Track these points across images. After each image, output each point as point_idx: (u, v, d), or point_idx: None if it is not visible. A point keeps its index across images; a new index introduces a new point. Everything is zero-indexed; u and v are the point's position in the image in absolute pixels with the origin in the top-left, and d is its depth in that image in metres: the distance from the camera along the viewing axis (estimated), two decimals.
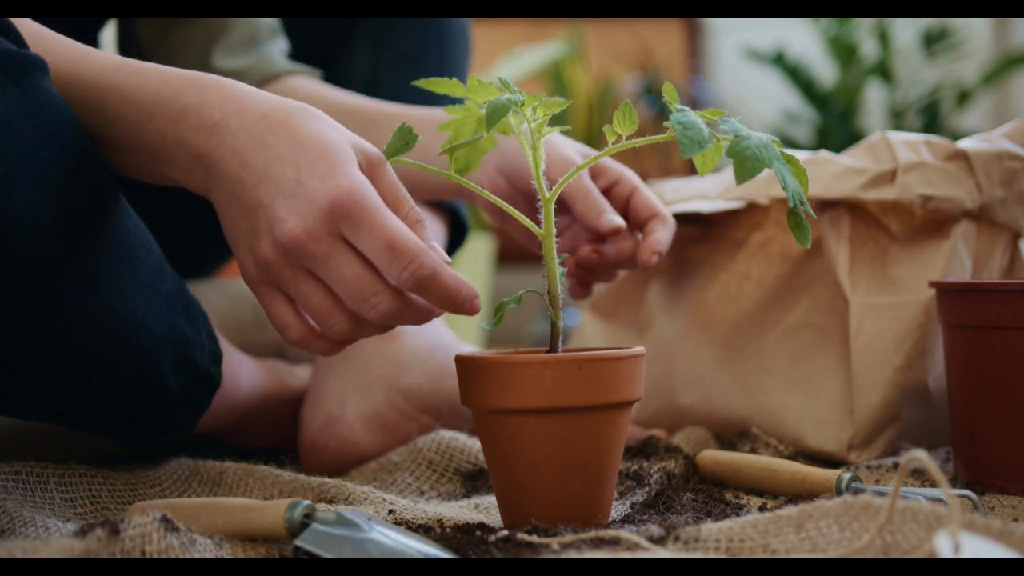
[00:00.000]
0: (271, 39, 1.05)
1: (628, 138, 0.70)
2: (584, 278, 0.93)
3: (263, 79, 1.02)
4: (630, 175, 0.92)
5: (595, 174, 0.91)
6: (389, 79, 1.12)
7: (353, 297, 0.64)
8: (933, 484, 0.82)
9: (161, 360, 0.75)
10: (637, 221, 0.91)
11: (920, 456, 0.54)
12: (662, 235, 0.89)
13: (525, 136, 0.71)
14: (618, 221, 0.87)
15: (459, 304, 0.66)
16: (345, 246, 0.64)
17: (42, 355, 0.69)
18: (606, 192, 0.91)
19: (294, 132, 0.65)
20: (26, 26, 0.71)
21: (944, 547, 0.53)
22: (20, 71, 0.65)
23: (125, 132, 0.68)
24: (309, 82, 1.04)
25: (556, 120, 0.73)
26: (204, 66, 1.00)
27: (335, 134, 0.66)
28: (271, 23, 1.06)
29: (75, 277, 0.67)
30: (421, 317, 0.67)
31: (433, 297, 0.65)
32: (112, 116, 0.68)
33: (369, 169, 0.67)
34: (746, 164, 0.64)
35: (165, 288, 0.76)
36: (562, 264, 0.72)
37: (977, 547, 0.54)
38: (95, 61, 0.70)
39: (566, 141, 0.93)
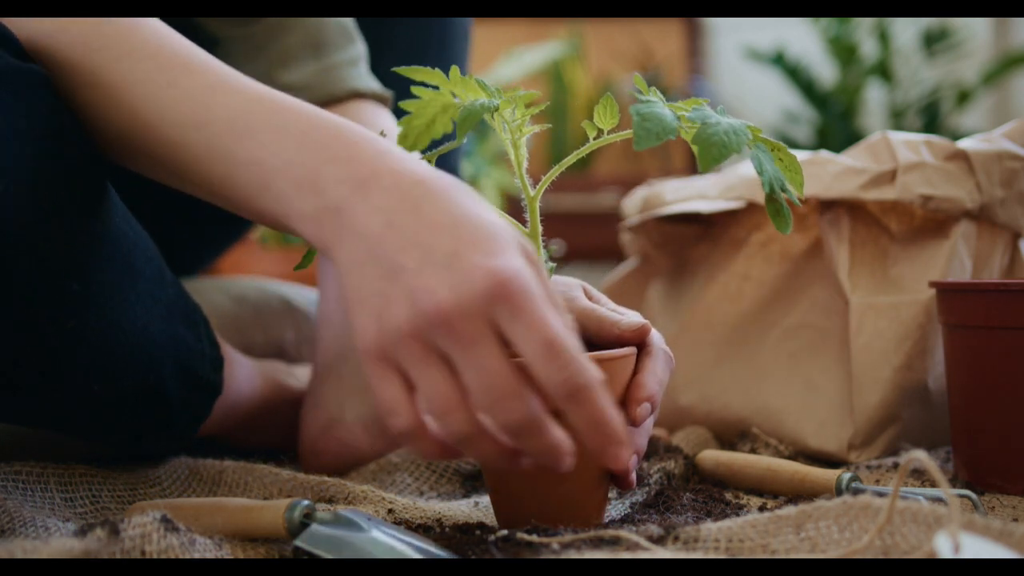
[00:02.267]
0: (341, 44, 0.99)
1: (612, 132, 0.70)
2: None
3: (326, 99, 0.96)
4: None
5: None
6: (387, 79, 1.12)
7: (489, 394, 0.55)
8: (933, 484, 0.82)
9: (162, 368, 0.75)
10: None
11: (920, 456, 0.54)
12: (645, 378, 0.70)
13: (506, 135, 0.71)
14: (637, 319, 0.71)
15: (605, 437, 0.56)
16: (493, 334, 0.55)
17: (43, 367, 0.68)
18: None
19: (454, 204, 0.58)
20: (152, 38, 0.67)
21: (944, 547, 0.53)
22: (21, 85, 0.65)
23: (255, 178, 0.62)
24: (376, 113, 0.98)
25: (552, 119, 0.73)
26: (266, 78, 0.95)
27: (497, 218, 0.59)
28: (343, 23, 1.00)
29: (77, 290, 0.67)
30: (548, 449, 0.56)
31: (582, 415, 0.56)
32: (244, 161, 0.62)
33: (528, 261, 0.59)
34: (710, 150, 0.62)
35: (165, 296, 0.76)
36: (549, 260, 0.72)
37: (977, 547, 0.54)
38: (229, 95, 0.64)
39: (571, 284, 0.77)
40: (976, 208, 0.93)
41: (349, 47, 1.00)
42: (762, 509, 0.74)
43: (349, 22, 1.01)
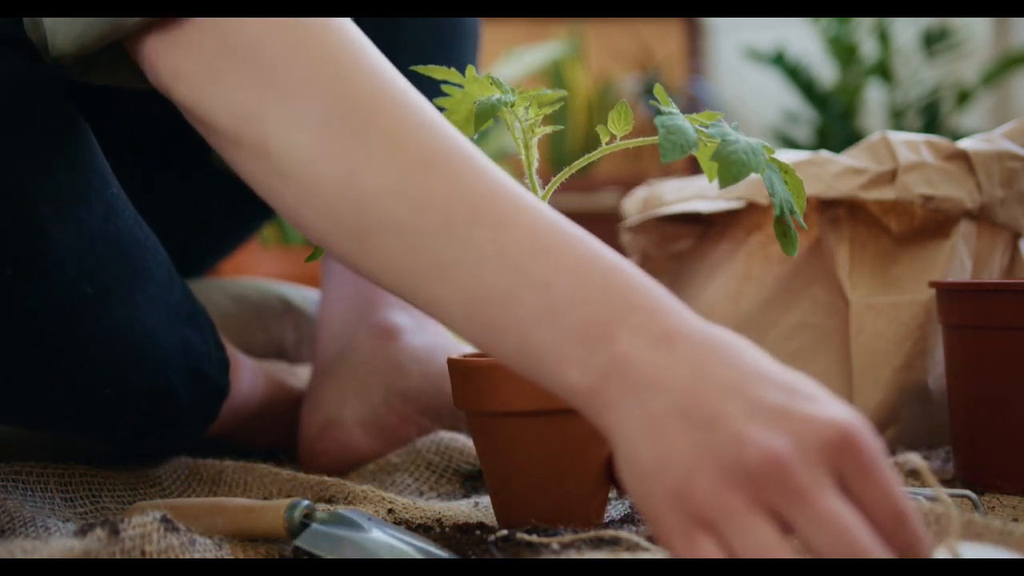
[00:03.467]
0: None
1: (623, 138, 0.70)
2: None
3: None
4: None
5: None
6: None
7: (840, 546, 0.47)
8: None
9: (171, 371, 0.75)
10: None
11: (913, 458, 0.53)
12: None
13: (518, 135, 0.71)
14: None
15: None
16: (835, 489, 0.48)
17: (54, 369, 0.69)
18: None
19: (766, 360, 0.52)
20: (459, 161, 0.57)
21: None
22: (38, 88, 0.65)
23: (540, 303, 0.53)
24: None
25: (553, 120, 0.73)
26: None
27: None
28: None
29: (91, 294, 0.67)
30: None
31: None
32: (534, 282, 0.54)
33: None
34: (730, 168, 0.63)
35: (174, 298, 0.76)
36: None
37: (977, 554, 0.54)
38: (533, 208, 0.56)
39: None
40: (976, 208, 0.93)
41: None
42: None
43: None
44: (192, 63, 0.59)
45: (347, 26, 0.60)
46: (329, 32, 0.59)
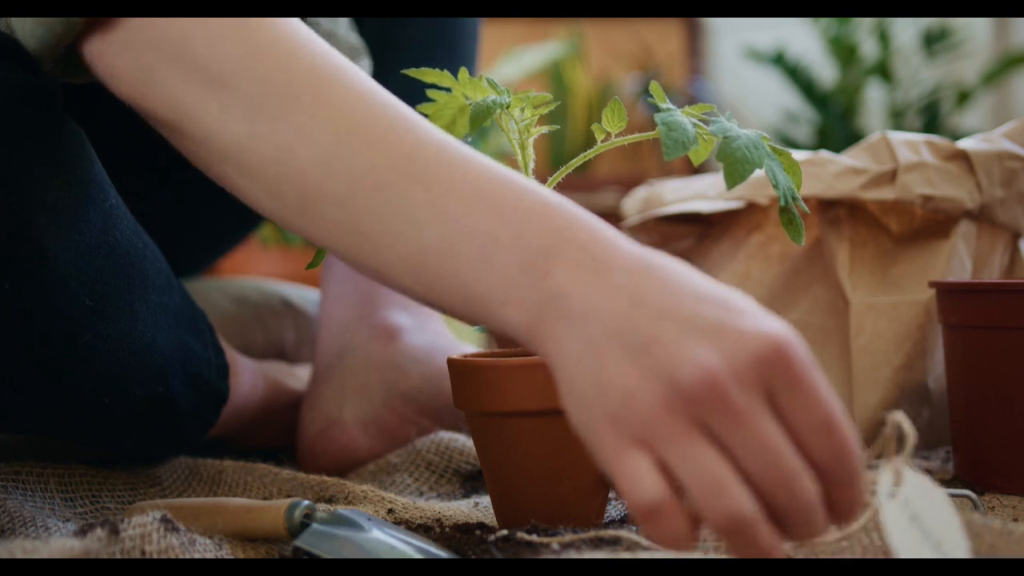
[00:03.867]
0: (349, 34, 0.95)
1: (619, 135, 0.70)
2: None
3: None
4: None
5: None
6: (395, 79, 1.11)
7: (772, 472, 0.49)
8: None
9: (171, 377, 0.75)
10: None
11: (898, 418, 0.53)
12: None
13: (514, 136, 0.71)
14: None
15: (854, 515, 0.52)
16: (768, 406, 0.50)
17: (53, 380, 0.68)
18: None
19: (701, 280, 0.53)
20: (415, 135, 0.59)
21: (885, 480, 0.54)
22: (34, 98, 0.64)
23: (476, 251, 0.56)
24: None
25: (553, 120, 0.73)
26: None
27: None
28: (351, 42, 0.94)
29: (90, 304, 0.67)
30: (817, 530, 0.51)
31: (844, 499, 0.51)
32: (471, 231, 0.56)
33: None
34: (737, 167, 0.63)
35: (173, 305, 0.76)
36: None
37: (919, 484, 0.54)
38: (467, 159, 0.58)
39: None
40: (976, 208, 0.93)
41: (352, 37, 0.97)
42: None
43: (356, 39, 0.99)
44: (127, 62, 0.62)
45: (277, 20, 0.62)
46: (253, 25, 0.61)
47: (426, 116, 0.73)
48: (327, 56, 0.62)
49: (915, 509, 0.54)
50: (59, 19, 0.62)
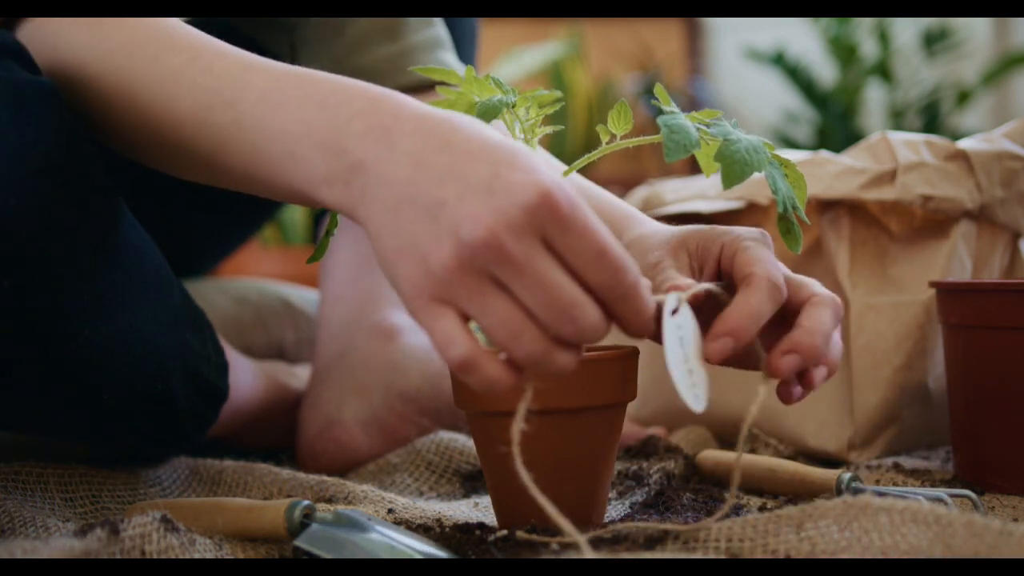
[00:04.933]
0: (418, 26, 0.96)
1: (623, 137, 0.70)
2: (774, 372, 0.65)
3: (402, 86, 0.92)
4: (742, 234, 0.69)
5: (699, 252, 0.70)
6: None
7: (554, 307, 0.54)
8: (933, 484, 0.82)
9: (170, 375, 0.75)
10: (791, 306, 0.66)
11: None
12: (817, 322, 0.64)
13: (519, 135, 0.71)
14: (673, 281, 0.66)
15: (644, 322, 0.58)
16: (544, 249, 0.55)
17: (54, 377, 0.68)
18: (716, 270, 0.70)
19: (482, 133, 0.58)
20: (184, 36, 0.67)
21: (670, 302, 0.61)
22: (33, 98, 0.65)
23: (281, 147, 0.61)
24: None
25: (553, 119, 0.73)
26: (340, 62, 0.94)
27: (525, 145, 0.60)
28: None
29: (89, 302, 0.67)
30: (602, 336, 0.57)
31: (629, 310, 0.57)
32: (272, 133, 0.62)
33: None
34: (734, 168, 0.63)
35: (172, 302, 0.76)
36: None
37: (689, 317, 0.61)
38: (260, 72, 0.64)
39: (658, 233, 0.74)
40: (976, 208, 0.93)
41: (426, 30, 0.97)
42: (762, 509, 0.74)
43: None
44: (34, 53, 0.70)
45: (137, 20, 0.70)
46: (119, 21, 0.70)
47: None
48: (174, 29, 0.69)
49: (683, 334, 0.61)
50: None
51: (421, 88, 0.93)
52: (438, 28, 0.98)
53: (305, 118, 0.61)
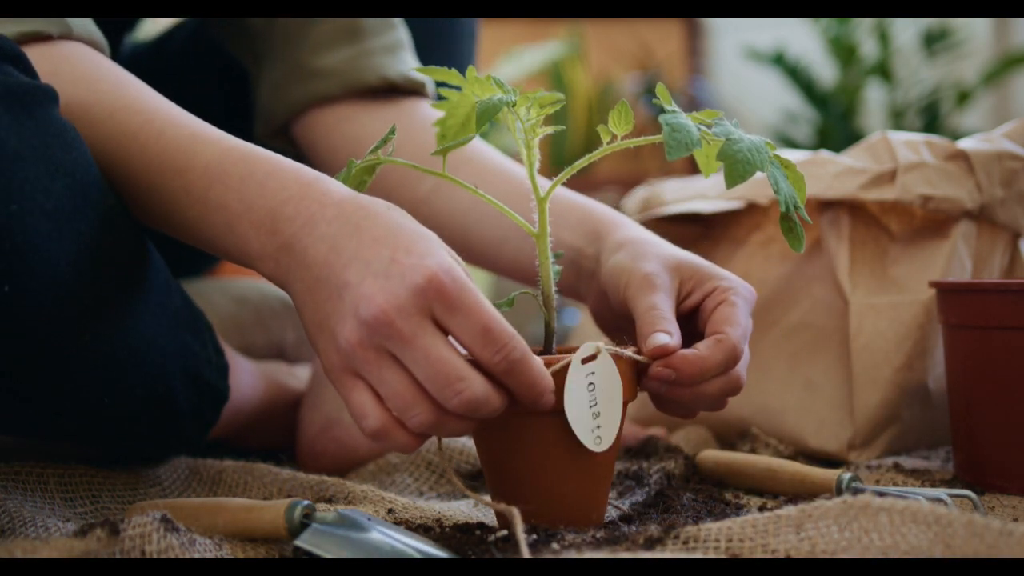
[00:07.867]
0: (379, 30, 0.97)
1: (624, 138, 0.70)
2: (659, 406, 0.74)
3: (359, 86, 0.95)
4: (734, 285, 0.74)
5: (690, 283, 0.75)
6: None
7: (438, 381, 0.60)
8: (933, 484, 0.82)
9: (171, 378, 0.75)
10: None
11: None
12: (700, 356, 0.70)
13: (520, 135, 0.71)
14: (661, 340, 0.69)
15: (537, 395, 0.63)
16: (433, 327, 0.60)
17: (56, 380, 0.68)
18: (696, 304, 0.75)
19: (391, 219, 0.63)
20: (138, 97, 0.72)
21: (583, 350, 0.65)
22: (33, 102, 0.65)
23: (222, 221, 0.67)
24: (413, 112, 0.96)
25: (555, 121, 0.73)
26: (300, 64, 0.95)
27: (430, 231, 0.65)
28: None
29: (91, 306, 0.67)
30: (496, 409, 0.62)
31: (519, 383, 0.62)
32: (214, 206, 0.67)
33: (455, 260, 0.64)
34: (736, 167, 0.64)
35: (173, 304, 0.76)
36: (556, 262, 0.72)
37: (608, 365, 0.66)
38: (208, 144, 0.69)
39: (656, 245, 0.78)
40: (976, 208, 0.93)
41: (387, 33, 0.98)
42: (762, 509, 0.74)
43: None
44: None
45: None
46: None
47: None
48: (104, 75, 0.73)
49: (596, 380, 0.66)
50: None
51: (379, 89, 0.95)
52: (399, 31, 0.99)
53: (244, 198, 0.66)
